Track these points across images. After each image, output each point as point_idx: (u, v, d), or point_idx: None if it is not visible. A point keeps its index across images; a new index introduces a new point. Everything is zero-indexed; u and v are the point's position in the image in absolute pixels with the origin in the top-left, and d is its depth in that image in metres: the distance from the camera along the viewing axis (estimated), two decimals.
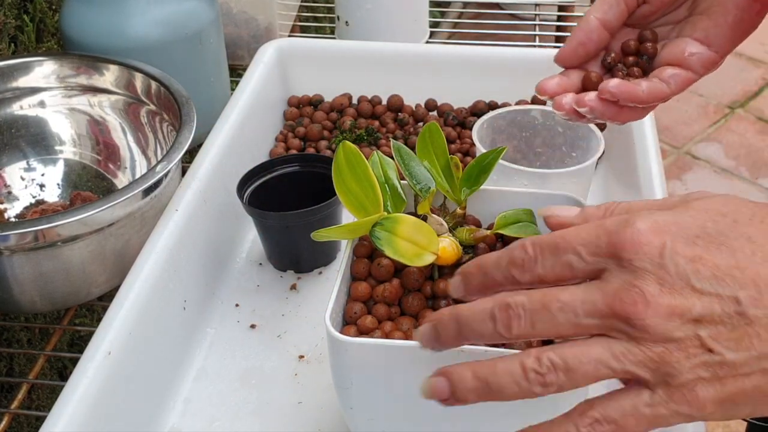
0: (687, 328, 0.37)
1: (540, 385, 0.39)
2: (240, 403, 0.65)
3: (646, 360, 0.38)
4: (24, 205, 0.83)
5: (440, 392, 0.41)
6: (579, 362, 0.38)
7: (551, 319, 0.39)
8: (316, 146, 0.90)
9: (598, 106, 0.56)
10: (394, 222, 0.54)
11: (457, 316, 0.42)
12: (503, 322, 0.40)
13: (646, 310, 0.37)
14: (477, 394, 0.40)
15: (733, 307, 0.37)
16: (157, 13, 0.84)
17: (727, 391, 0.37)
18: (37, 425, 0.55)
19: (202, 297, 0.72)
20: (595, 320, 0.39)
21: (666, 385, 0.38)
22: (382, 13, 1.02)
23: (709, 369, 0.37)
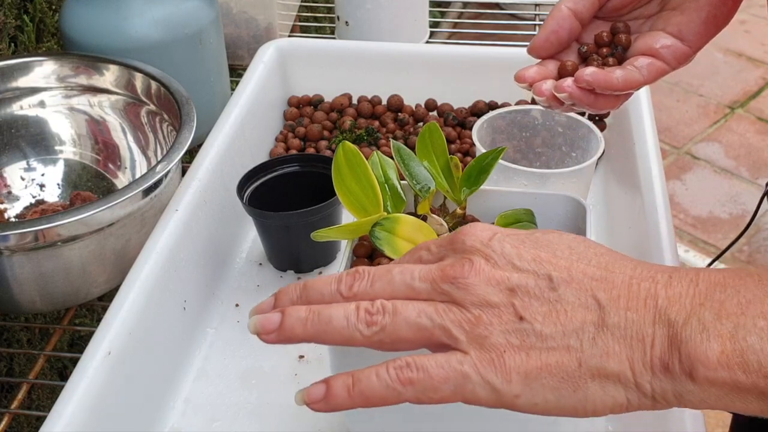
0: (503, 296, 0.41)
1: (365, 324, 0.41)
2: (240, 403, 0.65)
3: (463, 320, 0.40)
4: (24, 205, 0.83)
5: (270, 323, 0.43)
6: (405, 308, 0.41)
7: (389, 280, 0.43)
8: (316, 146, 0.90)
9: (575, 92, 0.57)
10: (394, 222, 0.54)
11: (304, 283, 0.44)
12: (347, 282, 0.43)
13: (470, 273, 0.41)
14: (304, 325, 0.42)
15: (546, 283, 0.41)
16: (157, 13, 0.84)
17: (532, 364, 0.39)
18: (37, 425, 0.55)
19: (202, 297, 0.72)
20: (427, 285, 0.42)
21: (477, 347, 0.40)
22: (382, 13, 1.02)
23: (519, 336, 0.40)
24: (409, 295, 0.42)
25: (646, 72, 0.58)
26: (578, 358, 0.39)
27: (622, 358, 0.39)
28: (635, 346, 0.39)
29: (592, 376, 0.39)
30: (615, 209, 0.82)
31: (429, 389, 0.40)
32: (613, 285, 0.40)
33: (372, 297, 0.42)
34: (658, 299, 0.39)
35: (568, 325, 0.39)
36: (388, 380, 0.40)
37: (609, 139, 0.87)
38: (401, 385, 0.40)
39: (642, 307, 0.39)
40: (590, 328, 0.39)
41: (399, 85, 0.94)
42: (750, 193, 2.18)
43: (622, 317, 0.39)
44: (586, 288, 0.40)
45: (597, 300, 0.40)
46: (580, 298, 0.40)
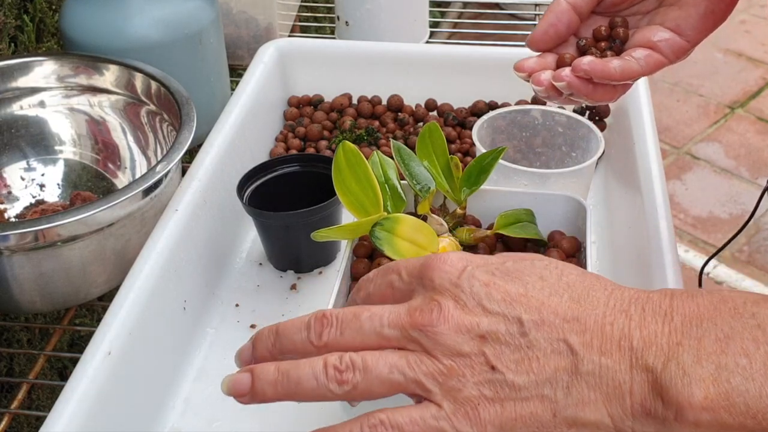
0: (474, 344, 0.40)
1: (336, 383, 0.40)
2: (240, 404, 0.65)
3: (436, 372, 0.40)
4: (24, 205, 0.83)
5: (240, 386, 0.43)
6: (375, 364, 0.40)
7: (359, 327, 0.42)
8: (316, 146, 0.90)
9: (573, 81, 0.57)
10: (394, 222, 0.54)
11: (276, 328, 0.44)
12: (316, 330, 0.42)
13: (439, 321, 0.40)
14: (275, 387, 0.42)
15: (517, 327, 0.39)
16: (157, 13, 0.84)
17: (507, 415, 0.39)
18: (37, 425, 0.55)
19: (202, 297, 0.72)
20: (397, 332, 0.41)
21: (451, 399, 0.39)
22: (382, 13, 1.02)
23: (492, 388, 0.39)
24: (380, 343, 0.41)
25: (644, 63, 0.58)
26: (552, 408, 0.38)
27: (599, 406, 0.38)
28: (612, 393, 0.38)
29: (568, 426, 0.38)
30: (615, 209, 0.82)
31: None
32: (585, 327, 0.39)
33: (343, 346, 0.42)
34: (633, 340, 0.38)
35: (540, 374, 0.39)
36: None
37: (609, 139, 0.87)
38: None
39: (616, 351, 0.38)
40: (564, 376, 0.39)
41: (399, 85, 0.94)
42: (750, 193, 2.18)
43: (596, 364, 0.38)
44: (558, 330, 0.39)
45: (569, 345, 0.39)
46: (552, 343, 0.39)
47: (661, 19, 0.60)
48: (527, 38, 0.61)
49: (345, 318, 0.42)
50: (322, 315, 0.43)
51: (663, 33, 0.59)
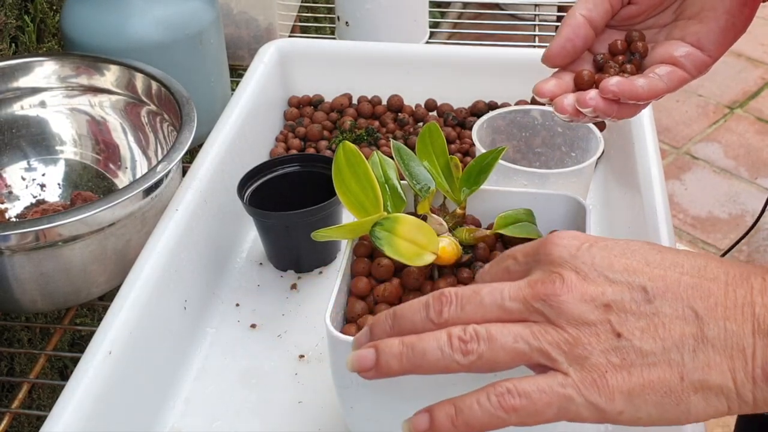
0: (599, 313, 0.40)
1: (461, 353, 0.41)
2: (240, 403, 0.65)
3: (561, 341, 0.40)
4: (25, 205, 0.83)
5: (366, 361, 0.43)
6: (500, 334, 0.41)
7: (479, 301, 0.42)
8: (317, 146, 0.90)
9: (600, 105, 0.56)
10: (394, 222, 0.54)
11: (393, 311, 0.44)
12: (435, 308, 0.42)
13: (563, 290, 0.40)
14: (399, 360, 0.42)
15: (641, 295, 0.40)
16: (157, 14, 0.84)
17: (635, 381, 0.39)
18: (38, 425, 0.55)
19: (203, 297, 0.73)
20: (519, 304, 0.41)
21: (578, 368, 0.39)
22: (382, 13, 1.02)
23: (618, 355, 0.39)
24: (501, 316, 0.42)
25: (668, 80, 0.57)
26: (680, 372, 0.39)
27: (724, 370, 0.38)
28: (736, 356, 0.38)
29: (695, 390, 0.39)
30: (615, 209, 0.82)
31: (533, 414, 0.39)
32: (709, 293, 0.40)
33: (464, 321, 0.42)
34: (755, 307, 0.39)
35: (667, 340, 0.39)
36: (491, 409, 0.40)
37: (608, 139, 0.87)
38: (505, 412, 0.40)
39: (740, 316, 0.39)
40: (690, 340, 0.39)
41: (399, 85, 0.94)
42: (749, 193, 2.18)
43: (721, 328, 0.39)
44: (682, 298, 0.40)
45: (694, 311, 0.39)
46: (676, 309, 0.39)
47: (680, 33, 0.59)
48: (543, 55, 0.60)
49: (465, 294, 0.42)
50: (440, 293, 0.43)
51: (684, 48, 0.58)
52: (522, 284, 0.42)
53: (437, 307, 0.43)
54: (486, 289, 0.42)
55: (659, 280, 0.40)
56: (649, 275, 0.40)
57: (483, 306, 0.42)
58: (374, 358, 0.43)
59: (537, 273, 0.42)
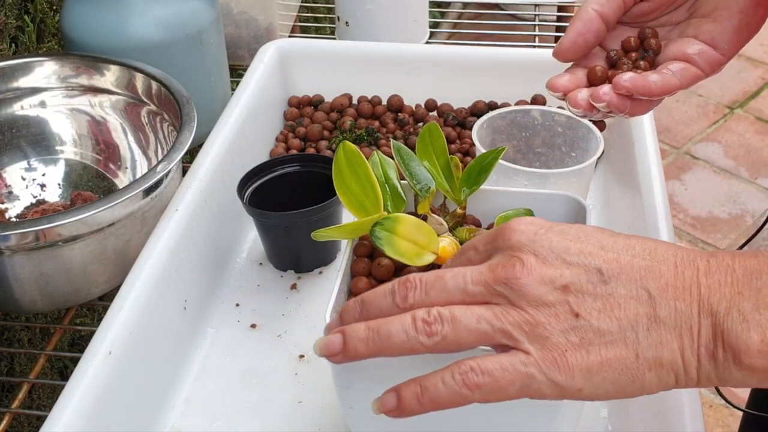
0: (557, 294, 0.41)
1: (426, 335, 0.42)
2: (240, 403, 0.65)
3: (522, 321, 0.41)
4: (25, 205, 0.83)
5: (333, 346, 0.44)
6: (464, 315, 0.42)
7: (443, 286, 0.43)
8: (317, 146, 0.90)
9: (613, 100, 0.57)
10: (394, 222, 0.54)
11: (361, 299, 0.46)
12: (401, 293, 0.44)
13: (522, 273, 0.42)
14: (366, 344, 0.43)
15: (597, 276, 0.41)
16: (157, 14, 0.84)
17: (593, 359, 0.40)
18: (38, 425, 0.55)
19: (203, 297, 0.73)
20: (481, 288, 0.43)
21: (539, 347, 0.41)
22: (382, 13, 1.02)
23: (577, 334, 0.41)
24: (465, 299, 0.43)
25: (680, 76, 0.57)
26: (635, 350, 0.40)
27: (674, 347, 0.40)
28: (684, 335, 0.40)
29: (649, 367, 0.40)
30: (615, 209, 0.82)
31: (495, 391, 0.41)
32: (660, 274, 0.41)
33: (429, 305, 0.43)
34: (701, 288, 0.40)
35: (623, 319, 0.41)
36: (455, 386, 0.41)
37: (608, 139, 0.87)
38: (468, 389, 0.41)
39: (688, 296, 0.40)
40: (644, 320, 0.41)
41: (399, 85, 0.94)
42: (749, 193, 2.18)
43: (671, 308, 0.40)
44: (636, 279, 0.41)
45: (648, 291, 0.41)
46: (630, 290, 0.41)
47: (693, 31, 0.59)
48: (554, 49, 0.60)
49: (429, 280, 0.44)
50: (406, 279, 0.44)
51: (698, 45, 0.58)
52: (483, 268, 0.43)
53: (402, 292, 0.44)
54: (449, 274, 0.44)
55: (614, 262, 0.42)
56: (604, 258, 0.42)
57: (446, 290, 0.43)
58: (341, 343, 0.44)
59: (497, 257, 0.43)
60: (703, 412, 0.56)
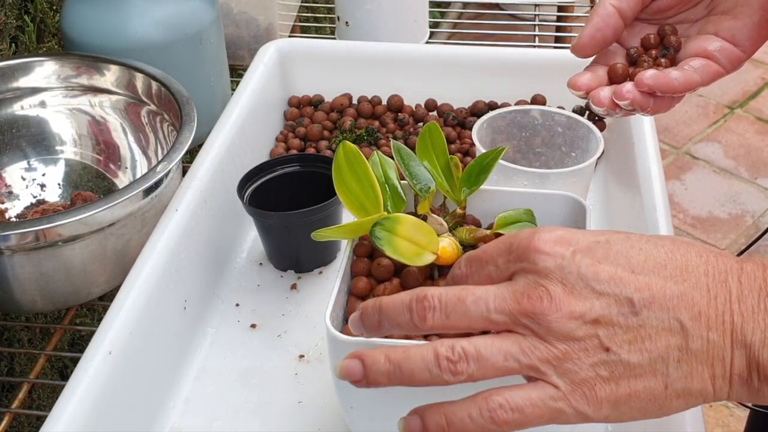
0: (587, 328, 0.40)
1: (450, 373, 0.41)
2: (240, 403, 0.65)
3: (551, 357, 0.40)
4: (25, 205, 0.83)
5: (353, 373, 0.43)
6: (490, 353, 0.41)
7: (464, 311, 0.42)
8: (317, 146, 0.90)
9: (637, 97, 0.56)
10: (394, 222, 0.54)
11: (379, 306, 0.44)
12: (419, 313, 0.42)
13: (551, 309, 0.40)
14: (388, 378, 0.42)
15: (628, 308, 0.40)
16: (157, 14, 0.84)
17: (622, 392, 0.40)
18: (38, 425, 0.55)
19: (203, 297, 0.73)
20: (505, 317, 0.41)
21: (568, 381, 0.40)
22: (382, 13, 1.02)
23: (607, 368, 0.40)
24: (487, 327, 0.42)
25: (702, 73, 0.57)
26: (665, 381, 0.40)
27: (705, 377, 0.40)
28: (716, 365, 0.40)
29: (677, 396, 0.40)
30: (615, 209, 0.82)
31: (524, 425, 0.40)
32: (693, 302, 0.40)
33: (449, 328, 0.42)
34: (733, 315, 0.40)
35: (653, 351, 0.40)
36: (483, 423, 0.40)
37: (608, 139, 0.87)
38: (497, 426, 0.40)
39: (720, 326, 0.40)
40: (675, 352, 0.40)
41: (399, 85, 0.94)
42: (749, 194, 2.18)
43: (704, 339, 0.40)
44: (668, 308, 0.40)
45: (680, 321, 0.40)
46: (662, 320, 0.40)
47: (713, 28, 0.58)
48: (572, 43, 0.59)
49: (449, 301, 0.42)
50: (423, 297, 0.43)
51: (718, 42, 0.57)
52: (507, 294, 0.42)
53: (420, 312, 0.42)
54: (470, 297, 0.42)
55: (645, 290, 0.40)
56: (635, 285, 0.41)
57: (468, 316, 0.42)
58: (362, 371, 0.43)
59: (521, 282, 0.42)
60: (703, 412, 0.56)
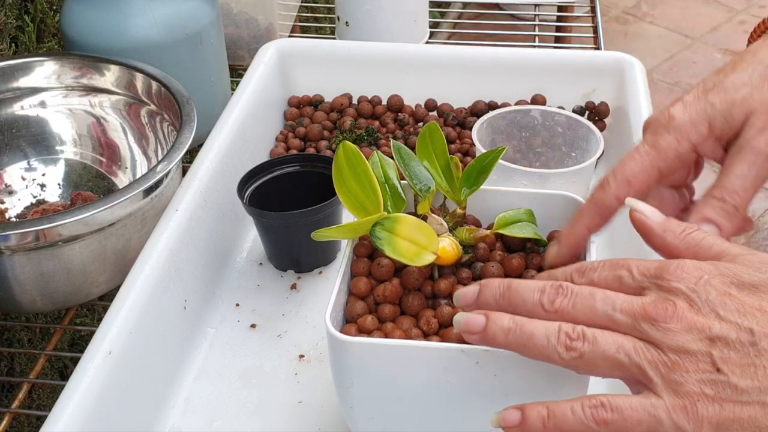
0: (702, 344, 0.41)
1: (565, 347, 0.43)
2: (240, 403, 0.65)
3: (660, 362, 0.41)
4: (25, 205, 0.83)
5: (474, 325, 0.45)
6: (605, 341, 0.42)
7: (592, 305, 0.44)
8: (317, 146, 0.90)
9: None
10: (394, 222, 0.54)
11: (508, 282, 0.46)
12: (550, 295, 0.44)
13: (672, 318, 0.42)
14: (506, 335, 0.44)
15: (747, 336, 0.41)
16: (157, 14, 0.84)
17: (725, 415, 0.40)
18: (38, 425, 0.55)
19: (203, 297, 0.73)
20: (628, 319, 0.43)
21: (672, 392, 0.41)
22: (382, 13, 1.02)
23: (713, 387, 0.40)
24: (608, 325, 0.43)
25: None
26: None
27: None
28: None
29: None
30: None
31: (621, 429, 0.41)
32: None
33: (572, 317, 0.44)
34: None
35: (764, 381, 0.40)
36: (584, 419, 0.41)
37: (609, 139, 0.87)
38: (596, 424, 0.41)
39: None
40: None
41: (399, 85, 0.94)
42: None
43: None
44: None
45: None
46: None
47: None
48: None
49: (580, 293, 0.44)
50: (559, 285, 0.45)
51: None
52: (635, 302, 0.43)
53: (552, 295, 0.44)
54: (600, 295, 0.44)
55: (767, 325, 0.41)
56: (759, 319, 0.41)
57: (593, 310, 0.43)
58: (483, 324, 0.45)
59: (651, 295, 0.43)
60: None
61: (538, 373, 0.49)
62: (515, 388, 0.50)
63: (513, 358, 0.46)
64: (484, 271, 0.57)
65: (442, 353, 0.49)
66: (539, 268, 0.58)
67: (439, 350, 0.50)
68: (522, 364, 0.48)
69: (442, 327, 0.54)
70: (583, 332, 0.43)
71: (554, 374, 0.48)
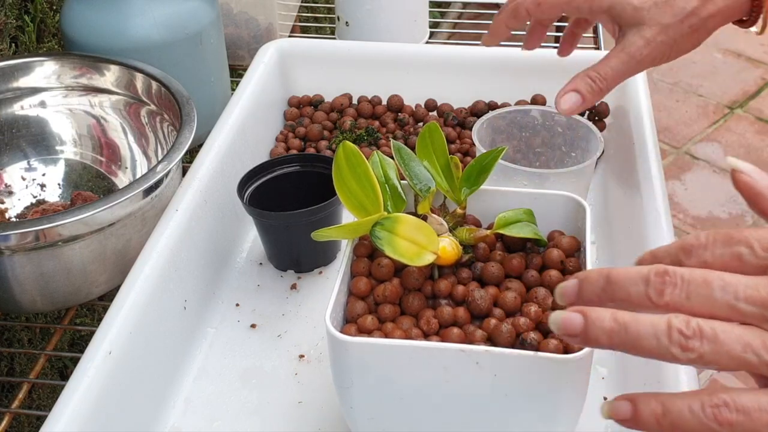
0: None
1: (680, 348, 0.37)
2: (240, 403, 0.65)
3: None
4: (25, 205, 0.83)
5: (572, 326, 0.40)
6: (728, 338, 0.37)
7: (709, 295, 0.38)
8: (317, 146, 0.90)
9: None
10: (394, 222, 0.54)
11: (607, 274, 0.40)
12: (656, 286, 0.39)
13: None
14: (610, 337, 0.39)
15: None
16: (157, 14, 0.84)
17: None
18: (38, 425, 0.55)
19: (203, 297, 0.73)
20: (754, 308, 0.38)
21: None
22: (382, 13, 1.02)
23: None
24: (731, 316, 0.38)
25: None
26: None
27: None
28: None
29: None
30: (614, 209, 0.82)
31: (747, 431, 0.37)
32: None
33: (686, 311, 0.38)
34: None
35: None
36: (704, 419, 0.37)
37: (608, 139, 0.87)
38: (718, 425, 0.37)
39: None
40: None
41: (399, 85, 0.94)
42: None
43: None
44: None
45: None
46: None
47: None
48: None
49: (693, 281, 0.39)
50: (664, 271, 0.39)
51: None
52: (762, 287, 0.38)
53: (659, 286, 0.39)
54: (718, 282, 0.38)
55: None
56: None
57: (712, 302, 0.38)
58: (582, 325, 0.39)
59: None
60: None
61: (538, 373, 0.49)
62: (515, 388, 0.50)
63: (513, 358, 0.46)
64: (484, 271, 0.57)
65: (442, 353, 0.49)
66: (540, 267, 0.58)
67: (439, 350, 0.50)
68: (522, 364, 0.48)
69: (442, 327, 0.54)
70: (700, 328, 0.37)
71: (555, 375, 0.48)
